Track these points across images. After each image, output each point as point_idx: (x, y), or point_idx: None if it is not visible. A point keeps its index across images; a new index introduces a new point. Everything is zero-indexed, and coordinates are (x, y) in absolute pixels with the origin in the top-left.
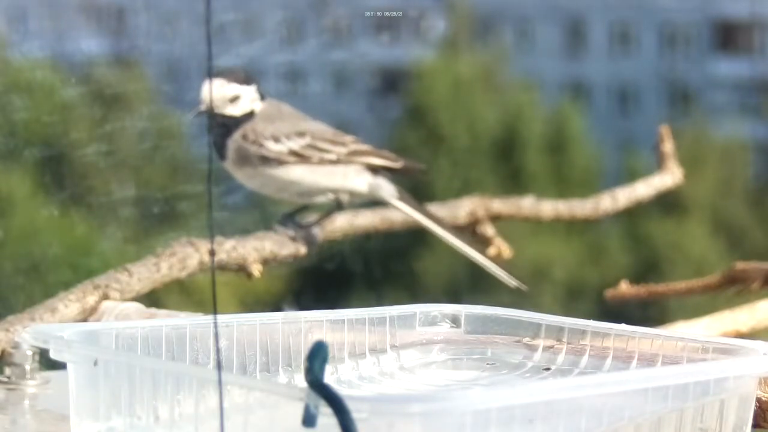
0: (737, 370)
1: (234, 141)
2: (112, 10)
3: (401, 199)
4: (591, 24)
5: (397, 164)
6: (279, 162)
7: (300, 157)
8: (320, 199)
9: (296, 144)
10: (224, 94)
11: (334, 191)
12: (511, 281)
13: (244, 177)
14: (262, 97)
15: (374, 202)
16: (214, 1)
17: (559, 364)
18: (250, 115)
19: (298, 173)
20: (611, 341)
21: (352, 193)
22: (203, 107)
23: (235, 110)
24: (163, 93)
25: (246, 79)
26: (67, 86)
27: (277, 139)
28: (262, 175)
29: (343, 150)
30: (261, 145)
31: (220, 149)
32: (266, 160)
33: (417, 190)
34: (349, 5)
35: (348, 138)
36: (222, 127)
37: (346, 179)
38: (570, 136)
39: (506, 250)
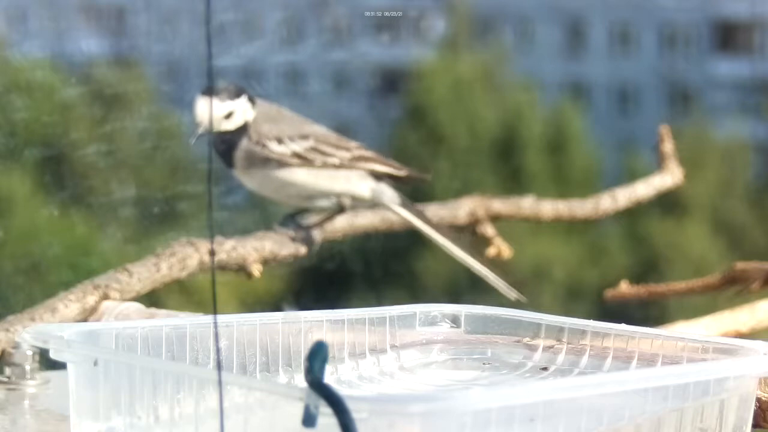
0: (737, 370)
1: (240, 149)
2: (112, 10)
3: (403, 205)
4: (591, 24)
5: (401, 173)
6: (281, 163)
7: (303, 159)
8: (323, 203)
9: (300, 146)
10: (219, 113)
11: (337, 195)
12: (511, 293)
13: (248, 179)
14: (253, 102)
15: (372, 205)
16: (214, 1)
17: (559, 364)
18: (244, 127)
19: (302, 176)
20: (611, 341)
21: (355, 198)
22: (201, 129)
23: (229, 125)
24: (163, 93)
25: (236, 91)
26: (67, 86)
27: (280, 141)
28: (265, 176)
29: (346, 155)
30: (264, 146)
31: (226, 159)
32: (269, 161)
33: (417, 191)
34: (349, 5)
35: (352, 143)
36: (223, 143)
37: (349, 184)
38: (570, 136)
39: (506, 250)
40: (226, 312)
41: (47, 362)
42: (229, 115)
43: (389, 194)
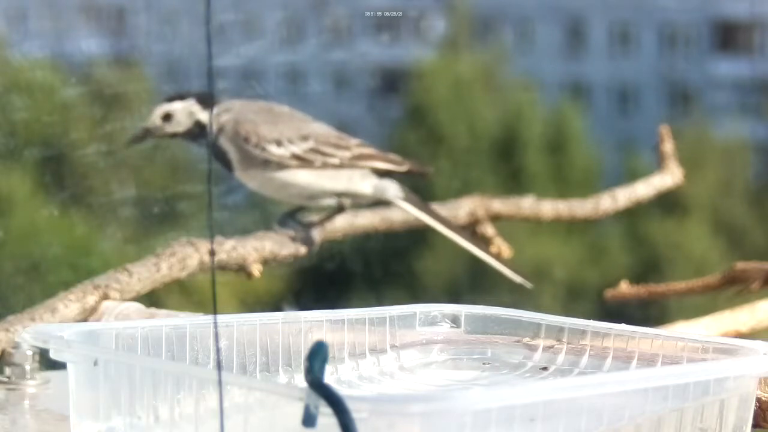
0: (737, 370)
1: (232, 152)
2: (112, 10)
3: (407, 200)
4: (591, 24)
5: (402, 168)
6: (281, 166)
7: (302, 161)
8: (325, 202)
9: (299, 148)
10: (155, 115)
11: (339, 195)
12: (517, 278)
13: (249, 179)
14: (207, 107)
15: (375, 202)
16: (214, 1)
17: (559, 364)
18: (197, 127)
19: (303, 177)
20: (611, 341)
21: (358, 196)
22: (138, 131)
23: (174, 127)
24: (163, 93)
25: (182, 95)
26: (67, 86)
27: (279, 143)
28: (265, 178)
29: (347, 154)
30: (264, 149)
31: (223, 164)
32: (269, 163)
33: (417, 191)
34: (349, 5)
35: (353, 141)
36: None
37: (351, 183)
38: (570, 136)
39: (506, 250)
40: (226, 312)
41: (47, 362)
42: (166, 117)
43: (393, 190)
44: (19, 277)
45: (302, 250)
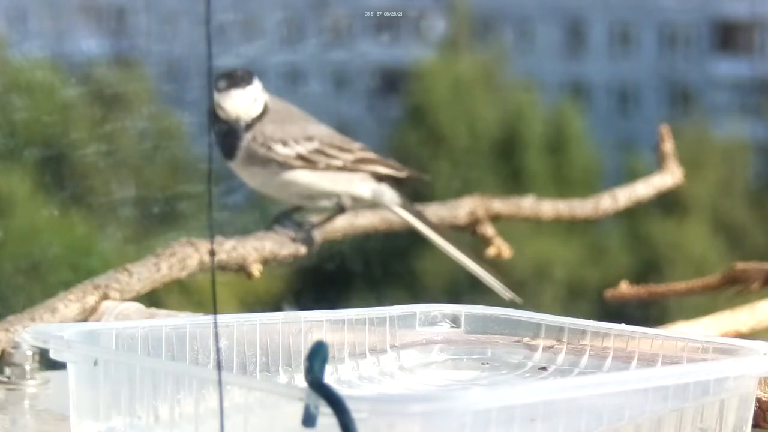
0: (737, 370)
1: (242, 146)
2: (112, 10)
3: (403, 206)
4: (591, 24)
5: (401, 173)
6: (285, 165)
7: (307, 161)
8: (324, 203)
9: (304, 148)
10: (248, 101)
11: (338, 196)
12: (506, 293)
13: (249, 176)
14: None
15: (375, 204)
16: (214, 1)
17: (559, 364)
18: (262, 113)
19: (304, 177)
20: (611, 341)
21: (355, 199)
22: (242, 123)
23: (256, 110)
24: (163, 93)
25: (250, 75)
26: (67, 86)
27: (285, 143)
28: (268, 177)
29: (349, 157)
30: (269, 148)
31: (230, 150)
32: (273, 163)
33: (417, 191)
34: (349, 5)
35: (355, 145)
36: (228, 135)
37: (350, 185)
38: (570, 136)
39: (506, 250)
40: (226, 312)
41: (47, 362)
42: (255, 101)
43: (390, 195)
44: (19, 277)
45: (302, 250)
